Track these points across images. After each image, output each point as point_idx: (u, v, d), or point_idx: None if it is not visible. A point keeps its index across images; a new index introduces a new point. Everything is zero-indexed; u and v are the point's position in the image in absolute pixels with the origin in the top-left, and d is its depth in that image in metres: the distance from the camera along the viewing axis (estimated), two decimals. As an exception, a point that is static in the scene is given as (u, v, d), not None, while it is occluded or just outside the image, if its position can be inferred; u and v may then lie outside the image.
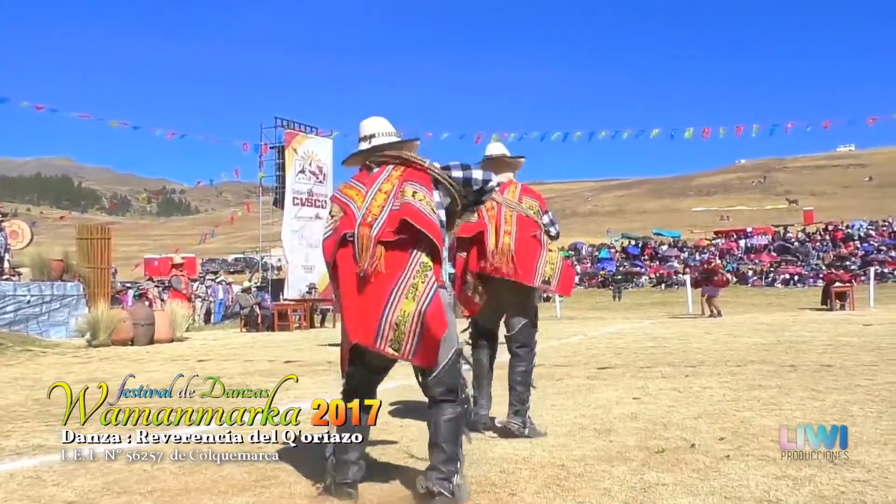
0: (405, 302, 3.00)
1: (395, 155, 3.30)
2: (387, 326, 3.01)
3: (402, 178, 3.21)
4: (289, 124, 24.93)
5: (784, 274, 36.40)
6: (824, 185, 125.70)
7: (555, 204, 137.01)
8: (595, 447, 4.11)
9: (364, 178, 3.32)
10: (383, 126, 3.40)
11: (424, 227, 3.06)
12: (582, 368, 7.85)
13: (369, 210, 3.16)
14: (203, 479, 3.63)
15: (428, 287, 3.02)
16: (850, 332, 11.54)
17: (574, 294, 36.05)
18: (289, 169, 23.50)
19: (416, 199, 3.14)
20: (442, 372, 3.08)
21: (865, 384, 6.00)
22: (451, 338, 3.11)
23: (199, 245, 58.12)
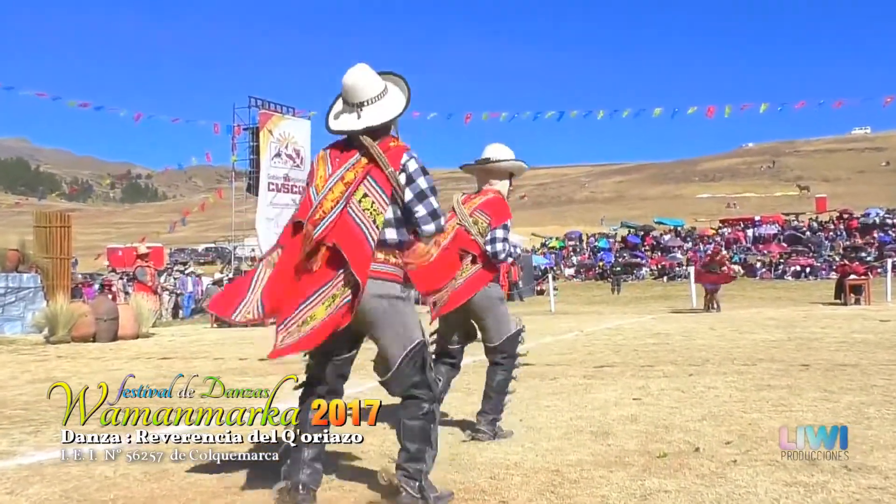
0: (320, 308, 3.12)
1: (367, 149, 3.23)
2: (295, 320, 3.13)
3: (364, 172, 3.21)
4: (264, 104, 24.76)
5: (794, 266, 36.61)
6: (838, 171, 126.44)
7: (550, 190, 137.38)
8: (592, 451, 4.11)
9: (336, 155, 3.32)
10: (372, 88, 3.30)
11: (349, 256, 3.10)
12: (578, 367, 7.87)
13: (321, 204, 3.18)
14: (170, 485, 3.61)
15: (342, 299, 3.12)
16: (866, 328, 11.62)
17: (570, 287, 36.24)
18: (263, 152, 23.35)
19: (360, 208, 3.15)
20: (397, 371, 3.15)
21: (882, 384, 6.03)
22: (403, 335, 3.16)
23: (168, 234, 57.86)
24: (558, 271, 40.27)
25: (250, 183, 24.62)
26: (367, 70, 3.33)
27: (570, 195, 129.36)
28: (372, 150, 3.20)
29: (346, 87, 3.31)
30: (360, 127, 3.26)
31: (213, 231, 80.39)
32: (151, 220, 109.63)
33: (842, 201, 64.51)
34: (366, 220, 3.15)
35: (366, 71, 3.33)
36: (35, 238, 15.61)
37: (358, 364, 3.35)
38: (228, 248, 44.25)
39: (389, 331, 3.16)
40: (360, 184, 3.18)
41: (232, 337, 14.31)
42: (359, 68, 3.33)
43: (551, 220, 79.92)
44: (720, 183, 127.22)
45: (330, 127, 3.37)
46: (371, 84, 3.30)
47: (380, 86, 3.32)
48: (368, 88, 3.29)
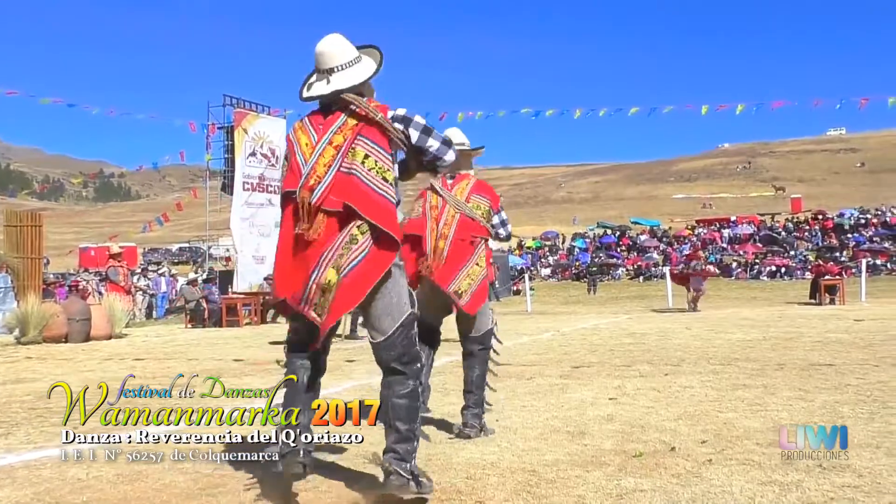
0: (330, 271, 3.10)
1: (352, 107, 3.23)
2: (314, 289, 3.11)
3: (355, 132, 3.19)
4: (239, 103, 24.61)
5: (770, 266, 36.98)
6: (813, 171, 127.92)
7: (526, 190, 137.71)
8: (568, 451, 4.13)
9: (318, 122, 3.30)
10: (343, 55, 3.30)
11: (369, 213, 3.11)
12: (554, 367, 7.90)
13: (314, 169, 3.17)
14: (144, 487, 3.58)
15: (351, 257, 3.10)
16: (840, 327, 11.76)
17: (547, 287, 36.32)
18: (238, 151, 23.23)
19: (366, 170, 3.15)
20: (392, 338, 3.16)
21: (856, 383, 6.11)
22: (396, 306, 3.17)
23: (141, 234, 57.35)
24: (535, 271, 40.38)
25: (225, 182, 24.47)
26: (339, 38, 3.34)
27: (547, 195, 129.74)
28: (361, 105, 3.20)
29: (317, 55, 3.31)
30: (328, 91, 3.25)
31: (187, 231, 79.76)
32: (125, 220, 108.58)
33: (817, 202, 65.30)
34: (374, 178, 3.14)
35: (337, 39, 3.34)
36: (5, 237, 15.41)
37: (333, 365, 3.34)
38: (203, 247, 43.90)
39: (384, 299, 3.17)
40: (351, 145, 3.17)
41: (207, 337, 14.21)
42: (331, 36, 3.34)
43: (528, 220, 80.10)
44: (696, 183, 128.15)
45: (302, 95, 3.36)
46: (342, 51, 3.31)
47: (351, 54, 3.33)
48: (339, 55, 3.29)
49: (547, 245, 47.67)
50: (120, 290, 16.78)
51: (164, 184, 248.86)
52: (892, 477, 3.40)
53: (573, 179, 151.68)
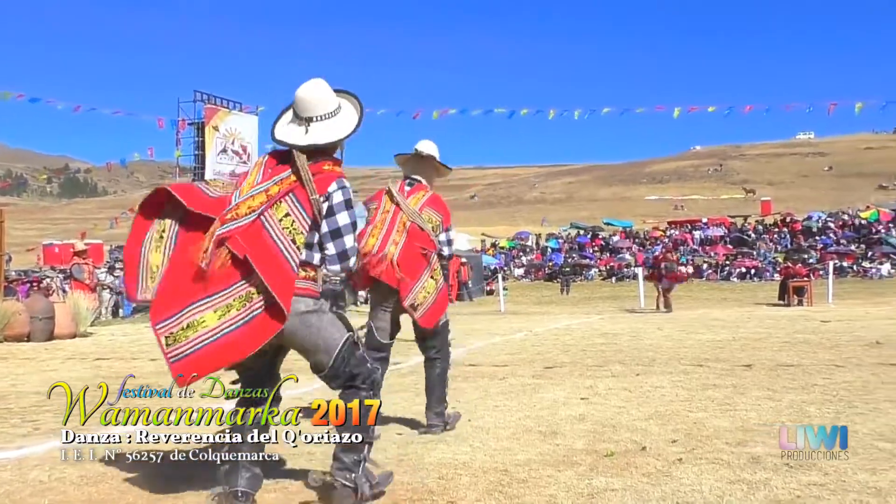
0: (210, 314, 3.04)
1: (300, 168, 3.17)
2: (179, 320, 3.05)
3: (289, 188, 3.16)
4: (209, 99, 24.42)
5: (740, 267, 37.48)
6: (782, 175, 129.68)
7: (499, 190, 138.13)
8: (540, 451, 4.15)
9: (272, 165, 3.26)
10: (325, 104, 3.26)
11: (268, 276, 3.04)
12: (527, 367, 7.93)
13: (237, 206, 3.12)
14: (108, 489, 3.55)
15: (241, 315, 3.04)
16: (808, 328, 11.94)
17: (520, 287, 36.48)
18: (209, 148, 23.05)
19: (280, 227, 3.11)
20: (334, 369, 3.15)
21: (823, 383, 6.21)
22: (324, 346, 3.14)
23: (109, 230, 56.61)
24: (508, 271, 40.53)
25: (195, 179, 24.27)
26: (322, 86, 3.30)
27: (520, 196, 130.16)
28: (302, 171, 3.15)
29: (298, 100, 3.26)
30: (305, 143, 3.21)
31: (156, 228, 78.67)
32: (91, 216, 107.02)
33: (786, 205, 66.27)
34: (285, 238, 3.10)
35: (320, 86, 3.29)
36: (-34, 233, 15.10)
37: (304, 366, 3.32)
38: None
39: (308, 346, 3.15)
40: (280, 199, 3.13)
41: (174, 337, 14.04)
42: (314, 83, 3.29)
43: (501, 220, 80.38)
44: (668, 185, 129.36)
45: (275, 135, 3.30)
46: (324, 100, 3.26)
47: (333, 104, 3.29)
48: (321, 105, 3.25)
49: (520, 245, 47.85)
50: (85, 287, 16.53)
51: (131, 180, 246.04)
52: (857, 475, 3.46)
53: (546, 180, 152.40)
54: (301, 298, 3.11)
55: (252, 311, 3.04)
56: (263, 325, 3.05)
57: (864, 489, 3.27)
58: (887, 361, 7.41)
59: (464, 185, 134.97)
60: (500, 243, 48.50)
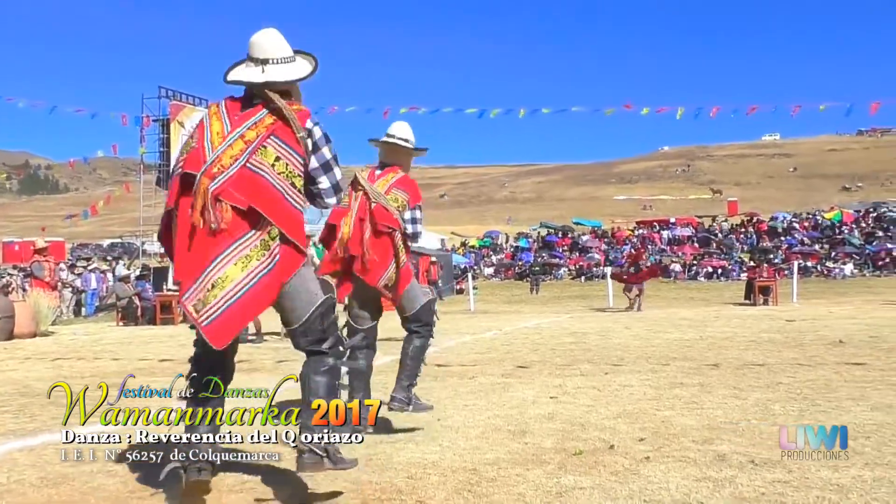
0: (231, 268, 3.00)
1: (274, 102, 3.15)
2: (203, 284, 3.00)
3: (269, 130, 3.11)
4: (174, 95, 24.24)
5: (707, 267, 37.93)
6: (749, 175, 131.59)
7: (469, 189, 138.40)
8: (509, 449, 4.17)
9: (235, 111, 3.20)
10: (280, 49, 3.24)
11: (279, 221, 3.03)
12: (496, 366, 7.95)
13: (219, 158, 3.06)
14: (70, 490, 3.50)
15: (263, 264, 3.02)
16: (773, 327, 12.12)
17: (489, 286, 36.50)
18: (174, 145, 22.86)
19: (275, 173, 3.08)
20: (308, 322, 3.12)
21: (787, 382, 6.31)
22: (307, 300, 3.13)
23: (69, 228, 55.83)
24: (478, 271, 40.61)
25: (160, 176, 24.09)
26: (278, 33, 3.29)
27: (490, 195, 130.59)
28: (284, 110, 3.12)
29: (253, 43, 3.24)
30: (261, 80, 3.18)
31: (119, 226, 77.88)
32: (52, 214, 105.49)
33: (752, 205, 67.22)
34: (283, 182, 3.07)
35: (276, 33, 3.29)
36: (-77, 230, 14.79)
37: (270, 366, 3.30)
38: (136, 243, 42.91)
39: (294, 295, 3.12)
40: (262, 142, 3.09)
41: (139, 336, 13.90)
42: (270, 29, 3.29)
43: (471, 219, 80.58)
44: (637, 185, 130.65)
45: (228, 77, 3.26)
46: (280, 45, 3.26)
47: (289, 51, 3.28)
48: (277, 48, 3.24)
49: (492, 244, 47.97)
50: (45, 286, 16.29)
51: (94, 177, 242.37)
52: (820, 472, 3.52)
53: (517, 179, 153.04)
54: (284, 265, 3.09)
55: (273, 259, 3.03)
56: (284, 267, 3.04)
57: (826, 486, 3.33)
58: (849, 360, 7.55)
59: (434, 184, 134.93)
60: (469, 242, 48.58)
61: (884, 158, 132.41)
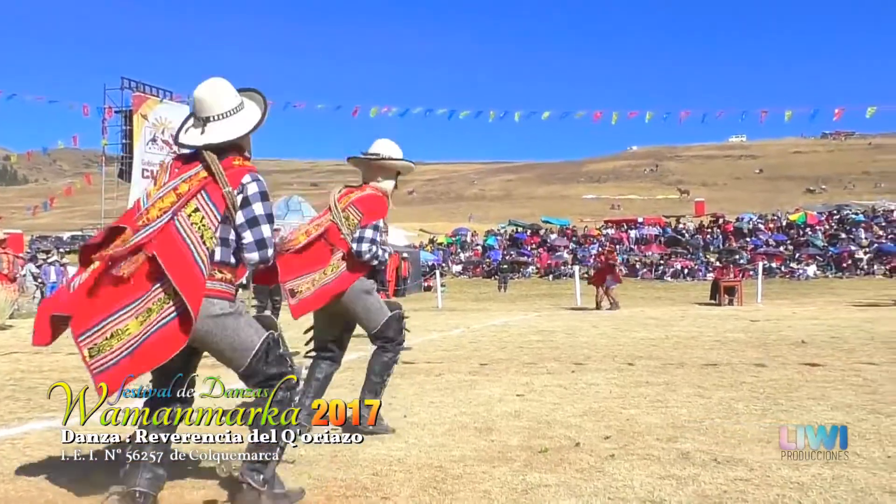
0: (132, 322, 3.01)
1: (206, 161, 3.16)
2: (101, 331, 3.01)
3: (200, 185, 3.13)
4: (138, 86, 23.99)
5: (674, 266, 38.35)
6: (716, 176, 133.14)
7: (439, 186, 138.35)
8: (475, 447, 4.19)
9: (177, 166, 3.24)
10: (222, 103, 3.23)
11: (170, 270, 3.01)
12: (463, 363, 7.98)
13: (147, 211, 3.10)
14: (27, 486, 3.47)
15: (161, 317, 3.01)
16: (738, 327, 12.30)
17: (458, 284, 36.48)
18: (137, 137, 22.58)
19: (189, 222, 3.07)
20: (250, 368, 3.12)
21: (751, 381, 6.42)
22: (241, 350, 3.11)
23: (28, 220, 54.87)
24: (446, 268, 40.66)
25: (122, 168, 23.79)
26: (220, 84, 3.26)
27: (460, 192, 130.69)
28: (213, 166, 3.13)
29: (195, 101, 3.25)
30: (200, 143, 3.19)
31: (80, 218, 76.67)
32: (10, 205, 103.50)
33: (719, 206, 67.99)
34: (193, 235, 3.06)
35: (217, 85, 3.25)
36: None
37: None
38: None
39: (224, 351, 3.12)
40: (192, 197, 3.10)
41: (100, 331, 13.68)
42: (210, 82, 3.26)
43: (439, 216, 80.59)
44: (605, 184, 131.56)
45: (177, 139, 3.30)
46: (220, 99, 3.23)
47: (231, 102, 3.25)
48: (217, 104, 3.22)
49: (461, 241, 48.02)
50: (3, 278, 16.00)
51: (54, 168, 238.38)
52: (781, 470, 3.60)
53: (486, 177, 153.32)
54: (216, 301, 3.07)
55: (168, 315, 3.01)
56: (176, 331, 3.01)
57: (786, 484, 3.40)
58: (811, 361, 7.68)
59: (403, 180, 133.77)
60: (438, 239, 48.61)
61: (847, 161, 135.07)
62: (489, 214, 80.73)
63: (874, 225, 42.20)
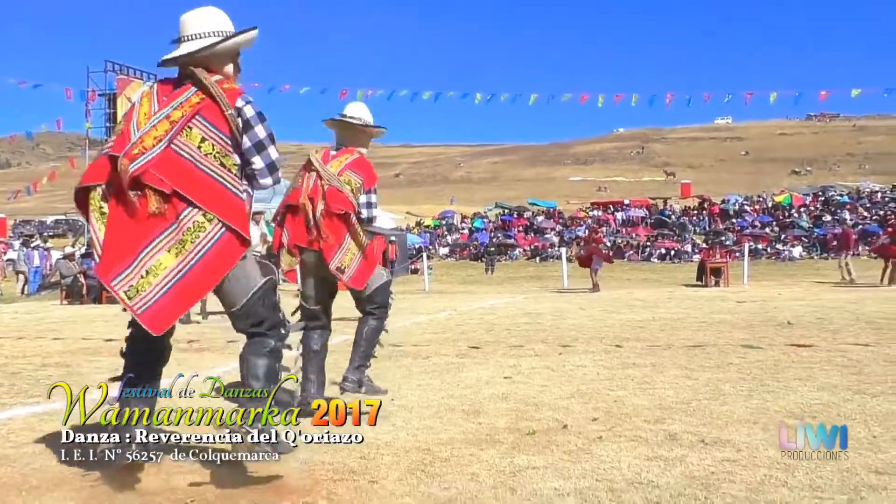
0: (165, 255, 2.95)
1: (200, 80, 3.07)
2: (135, 270, 2.94)
3: (194, 110, 3.03)
4: (122, 69, 23.99)
5: (660, 248, 38.46)
6: (701, 158, 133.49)
7: (425, 169, 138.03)
8: (463, 429, 4.18)
9: (165, 92, 3.14)
10: (203, 25, 3.15)
11: (212, 206, 2.95)
12: (451, 346, 7.97)
13: (142, 139, 2.99)
14: (11, 472, 3.43)
15: (199, 246, 2.96)
16: (724, 309, 12.35)
17: (444, 266, 36.56)
18: (121, 120, 22.59)
19: (202, 154, 3.01)
20: (247, 306, 3.07)
21: (738, 362, 6.44)
22: (245, 284, 3.07)
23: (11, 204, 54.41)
24: (433, 250, 40.61)
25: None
26: (209, 10, 3.20)
27: (446, 174, 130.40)
28: (211, 87, 3.04)
29: (180, 22, 3.19)
30: (176, 55, 3.12)
31: (64, 202, 75.88)
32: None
33: (705, 188, 68.16)
34: (213, 165, 2.99)
35: (205, 10, 3.20)
36: None
37: (218, 345, 3.25)
38: (81, 220, 42.02)
39: (230, 279, 3.06)
40: (187, 123, 3.01)
41: (84, 315, 13.62)
42: (199, 8, 3.20)
43: (426, 199, 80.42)
44: (592, 166, 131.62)
45: (164, 58, 3.22)
46: (204, 21, 3.17)
47: (214, 26, 3.16)
48: (198, 24, 3.16)
49: (445, 224, 47.97)
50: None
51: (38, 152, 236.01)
52: (768, 451, 3.61)
53: (472, 159, 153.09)
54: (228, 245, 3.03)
55: (207, 242, 2.95)
56: (222, 254, 2.96)
57: (773, 464, 3.41)
58: (797, 342, 7.70)
59: (389, 163, 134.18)
60: (425, 222, 48.52)
61: (832, 143, 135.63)
62: (475, 197, 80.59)
63: (859, 206, 42.43)
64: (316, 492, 3.14)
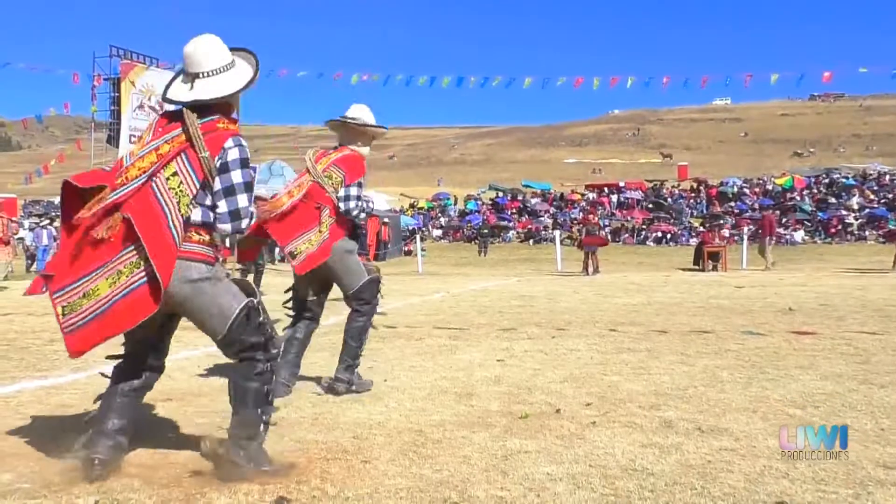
0: (103, 282, 2.97)
1: (186, 124, 3.05)
2: (77, 289, 2.98)
3: (180, 148, 3.04)
4: (126, 54, 24.65)
5: (656, 231, 38.36)
6: (699, 140, 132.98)
7: (419, 151, 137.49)
8: (455, 412, 4.16)
9: (162, 124, 3.15)
10: (212, 59, 3.14)
11: (144, 235, 2.93)
12: (444, 328, 7.95)
13: (127, 170, 3.01)
14: (20, 443, 3.47)
15: (131, 280, 2.95)
16: (722, 294, 12.31)
17: (437, 248, 36.54)
18: (125, 104, 23.24)
19: (166, 187, 2.99)
20: (228, 336, 3.05)
21: (735, 349, 6.38)
22: (219, 315, 3.04)
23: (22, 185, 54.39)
24: (426, 232, 40.52)
25: (111, 134, 24.43)
26: (212, 41, 3.17)
27: (440, 157, 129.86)
28: (191, 128, 3.03)
29: (185, 56, 3.16)
30: (188, 99, 3.10)
31: (64, 181, 75.59)
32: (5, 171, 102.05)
33: (703, 170, 67.99)
34: (170, 200, 2.99)
35: (209, 42, 3.16)
36: None
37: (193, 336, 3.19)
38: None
39: (203, 315, 3.04)
40: (171, 159, 3.01)
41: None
42: (201, 38, 3.17)
43: (420, 181, 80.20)
44: (587, 148, 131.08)
45: (165, 94, 3.22)
46: (211, 55, 3.14)
47: (222, 59, 3.16)
48: (207, 60, 3.13)
49: (438, 206, 47.84)
50: (-1, 241, 15.92)
51: (47, 134, 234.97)
52: (767, 441, 3.57)
53: (466, 141, 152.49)
54: (193, 264, 3.00)
55: (138, 280, 2.94)
56: (145, 297, 2.94)
57: (773, 454, 3.36)
58: (798, 328, 7.62)
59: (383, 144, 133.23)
60: (418, 204, 48.39)
61: (836, 123, 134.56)
62: (469, 179, 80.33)
63: (866, 189, 41.50)
64: (309, 471, 3.12)
